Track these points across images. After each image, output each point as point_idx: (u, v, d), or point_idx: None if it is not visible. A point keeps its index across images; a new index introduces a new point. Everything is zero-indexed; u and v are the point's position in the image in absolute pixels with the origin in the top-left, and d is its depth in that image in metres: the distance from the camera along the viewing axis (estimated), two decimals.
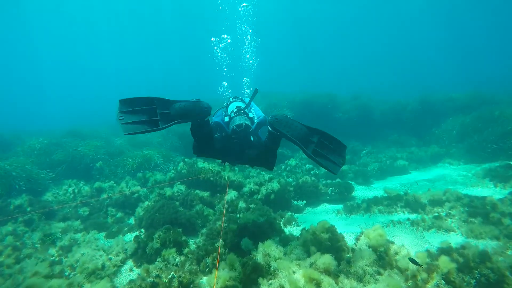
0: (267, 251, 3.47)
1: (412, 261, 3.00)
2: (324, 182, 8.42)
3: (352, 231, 5.18)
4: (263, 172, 9.95)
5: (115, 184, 8.55)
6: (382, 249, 3.37)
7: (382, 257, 3.30)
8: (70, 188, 8.26)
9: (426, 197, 6.02)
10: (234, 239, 4.54)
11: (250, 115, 4.30)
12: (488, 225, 4.57)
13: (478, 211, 4.98)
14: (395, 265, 3.23)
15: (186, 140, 13.67)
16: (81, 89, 63.84)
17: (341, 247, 3.56)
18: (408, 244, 4.56)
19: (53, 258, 4.89)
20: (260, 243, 3.82)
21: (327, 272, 2.74)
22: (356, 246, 3.66)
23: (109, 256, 4.55)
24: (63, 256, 4.94)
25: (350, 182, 8.79)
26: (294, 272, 2.81)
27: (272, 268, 3.03)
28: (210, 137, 3.85)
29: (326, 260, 2.83)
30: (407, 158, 11.24)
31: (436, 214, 5.45)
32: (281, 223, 5.90)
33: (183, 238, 4.89)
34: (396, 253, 3.42)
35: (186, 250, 4.60)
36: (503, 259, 3.20)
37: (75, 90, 63.75)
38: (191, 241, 5.30)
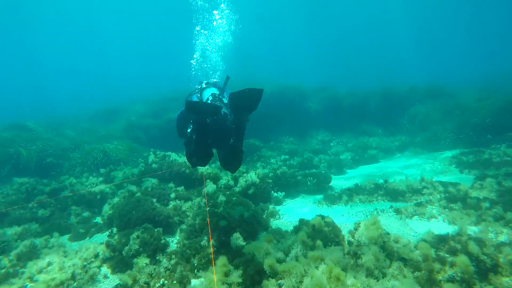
0: (267, 249, 3.22)
1: None
2: (300, 172, 8.34)
3: (340, 222, 5.12)
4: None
5: (76, 181, 7.74)
6: (381, 240, 3.28)
7: (384, 248, 3.21)
8: (23, 187, 7.31)
9: (404, 185, 6.16)
10: (221, 236, 4.25)
11: (225, 101, 4.23)
12: (467, 209, 4.75)
13: (456, 197, 5.17)
14: (397, 256, 3.16)
15: (150, 133, 12.94)
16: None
17: (341, 241, 3.42)
18: (395, 233, 4.60)
19: (6, 270, 4.21)
20: (253, 241, 3.57)
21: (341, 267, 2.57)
22: (354, 238, 3.54)
23: (79, 262, 4.01)
24: (19, 267, 4.29)
25: (322, 171, 8.84)
26: (307, 272, 2.60)
27: (279, 268, 2.78)
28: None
29: (336, 255, 2.67)
30: (375, 147, 11.63)
31: (416, 201, 5.59)
32: (264, 216, 5.69)
33: (163, 238, 4.47)
34: (396, 242, 3.36)
35: (169, 250, 4.21)
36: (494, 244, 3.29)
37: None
38: (169, 240, 4.91)
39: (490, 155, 7.92)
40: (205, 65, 7.66)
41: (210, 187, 6.56)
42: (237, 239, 3.99)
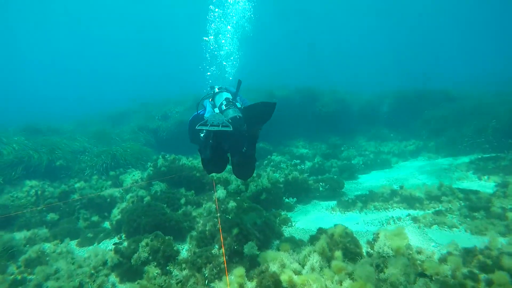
0: (282, 260, 3.05)
1: None
2: (312, 177, 8.14)
3: (355, 230, 4.92)
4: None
5: (85, 184, 7.69)
6: (405, 252, 3.09)
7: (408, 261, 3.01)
8: (33, 190, 7.29)
9: (421, 191, 5.92)
10: (233, 244, 4.09)
11: (238, 105, 4.23)
12: (491, 219, 4.51)
13: (478, 205, 4.92)
14: (421, 269, 2.96)
15: (160, 136, 12.89)
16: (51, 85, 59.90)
17: (361, 252, 3.24)
18: (413, 243, 4.39)
19: (14, 276, 4.13)
20: (267, 249, 3.41)
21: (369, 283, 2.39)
22: (373, 249, 3.35)
23: (88, 270, 3.90)
24: (27, 273, 4.20)
25: (335, 177, 8.63)
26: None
27: (298, 280, 2.61)
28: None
29: (367, 270, 2.49)
30: (388, 152, 11.36)
31: (435, 209, 5.36)
32: (277, 223, 5.52)
33: (174, 245, 4.34)
34: (419, 254, 3.16)
35: (179, 258, 4.07)
36: None
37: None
38: (179, 247, 4.78)
39: (511, 161, 7.61)
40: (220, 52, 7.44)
41: (220, 192, 6.42)
42: (252, 248, 3.84)
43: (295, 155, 11.32)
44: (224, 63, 7.61)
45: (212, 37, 7.38)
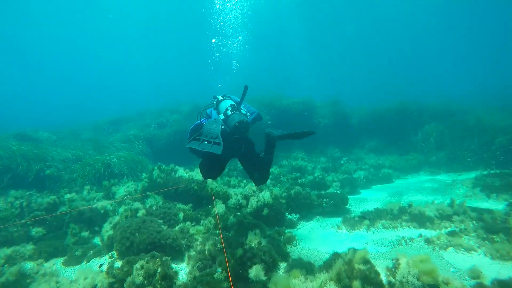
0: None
1: None
2: (314, 192, 7.82)
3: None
4: (245, 180, 9.21)
5: (76, 195, 7.25)
6: (436, 281, 2.77)
7: None
8: (17, 201, 6.83)
9: (432, 209, 5.64)
10: (238, 267, 3.73)
11: (243, 111, 4.34)
12: None
13: (495, 227, 4.65)
14: None
15: (155, 145, 12.51)
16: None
17: (381, 282, 2.91)
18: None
19: None
20: (277, 274, 3.07)
21: None
22: (395, 278, 3.03)
23: None
24: None
25: (338, 192, 8.35)
26: None
27: None
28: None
29: None
30: (389, 166, 11.13)
31: (449, 229, 5.07)
32: (281, 243, 5.16)
33: (172, 267, 3.95)
34: (446, 285, 2.85)
35: (178, 283, 3.69)
36: None
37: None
38: (176, 267, 4.40)
39: None
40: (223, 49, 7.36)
41: (219, 207, 6.07)
42: (258, 272, 3.48)
43: (294, 168, 11.02)
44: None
45: (214, 40, 7.35)
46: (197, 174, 7.35)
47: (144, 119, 15.35)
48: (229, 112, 4.13)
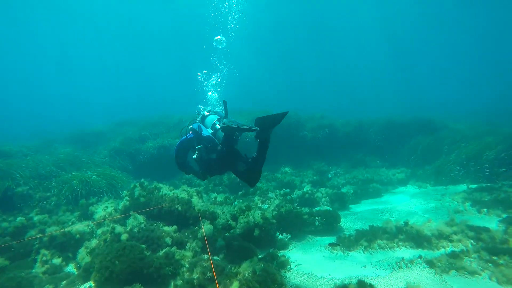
0: None
1: None
2: (305, 210, 7.52)
3: (363, 275, 4.32)
4: (232, 196, 8.82)
5: (47, 217, 6.63)
6: None
7: None
8: None
9: (429, 228, 5.46)
10: None
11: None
12: None
13: (497, 248, 4.49)
14: None
15: (138, 160, 11.92)
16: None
17: None
18: None
19: None
20: None
21: None
22: None
23: None
24: None
25: (330, 209, 8.11)
26: None
27: None
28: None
29: None
30: (377, 180, 11.03)
31: (447, 249, 4.89)
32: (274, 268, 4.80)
33: None
34: None
35: None
36: None
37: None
38: None
39: (507, 193, 7.40)
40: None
41: (206, 228, 5.64)
42: None
43: (282, 182, 10.73)
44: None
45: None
46: (181, 193, 6.90)
47: (125, 132, 14.73)
48: (217, 126, 4.51)
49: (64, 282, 4.69)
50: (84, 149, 13.43)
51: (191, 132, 5.09)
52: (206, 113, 5.21)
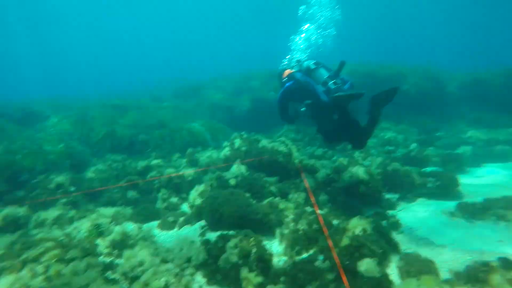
0: None
1: None
2: (414, 169, 6.76)
3: (502, 252, 3.65)
4: (330, 151, 8.49)
5: (162, 162, 7.47)
6: None
7: None
8: (115, 164, 7.34)
9: None
10: (344, 258, 3.22)
11: (345, 86, 4.58)
12: None
13: None
14: None
15: (235, 113, 12.38)
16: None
17: None
18: None
19: (103, 258, 3.90)
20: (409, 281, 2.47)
21: None
22: None
23: (172, 267, 3.43)
24: (114, 256, 3.95)
25: (438, 168, 7.17)
26: None
27: None
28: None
29: None
30: (505, 140, 9.18)
31: None
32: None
33: (267, 251, 3.62)
34: None
35: (276, 267, 3.38)
36: None
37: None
38: (267, 243, 4.10)
39: None
40: None
41: (308, 181, 5.56)
42: (372, 267, 2.94)
43: (382, 139, 9.87)
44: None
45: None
46: (280, 145, 6.88)
47: (220, 86, 15.35)
48: (332, 86, 4.36)
49: (181, 218, 5.27)
50: (186, 103, 14.57)
51: (290, 81, 4.92)
52: (313, 65, 4.75)
